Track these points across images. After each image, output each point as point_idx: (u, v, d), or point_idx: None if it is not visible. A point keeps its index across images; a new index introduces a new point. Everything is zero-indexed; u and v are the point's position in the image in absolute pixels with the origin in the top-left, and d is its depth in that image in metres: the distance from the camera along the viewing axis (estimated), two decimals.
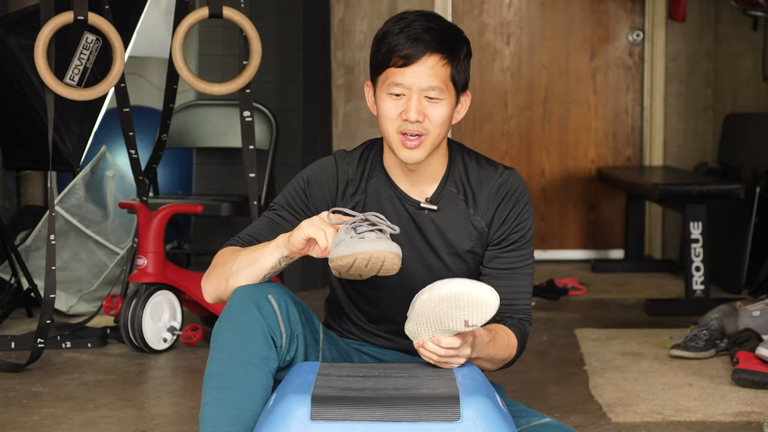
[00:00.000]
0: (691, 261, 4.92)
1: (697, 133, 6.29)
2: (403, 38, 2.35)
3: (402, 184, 2.48)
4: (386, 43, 2.37)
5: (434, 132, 2.38)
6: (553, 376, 3.79)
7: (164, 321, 4.14)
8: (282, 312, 2.29)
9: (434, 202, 2.47)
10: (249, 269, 2.34)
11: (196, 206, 4.34)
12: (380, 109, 2.41)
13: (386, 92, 2.38)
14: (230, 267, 2.36)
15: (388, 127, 2.39)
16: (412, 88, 2.36)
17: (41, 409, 3.36)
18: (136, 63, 5.91)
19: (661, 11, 6.24)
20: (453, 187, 2.48)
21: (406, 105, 2.36)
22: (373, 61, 2.42)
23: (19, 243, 4.96)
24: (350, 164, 2.50)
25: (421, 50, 2.35)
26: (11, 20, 4.30)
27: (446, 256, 2.47)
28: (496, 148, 6.38)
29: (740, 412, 3.28)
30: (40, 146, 4.07)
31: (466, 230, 2.47)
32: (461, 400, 2.04)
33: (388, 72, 2.37)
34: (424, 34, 2.35)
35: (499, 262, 2.49)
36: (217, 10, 3.92)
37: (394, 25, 2.39)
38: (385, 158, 2.49)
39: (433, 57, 2.36)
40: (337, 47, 6.11)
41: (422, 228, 2.47)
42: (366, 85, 2.49)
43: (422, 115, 2.36)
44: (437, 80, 2.36)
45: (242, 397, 2.21)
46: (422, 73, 2.35)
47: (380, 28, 2.43)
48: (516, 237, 2.49)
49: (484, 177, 2.48)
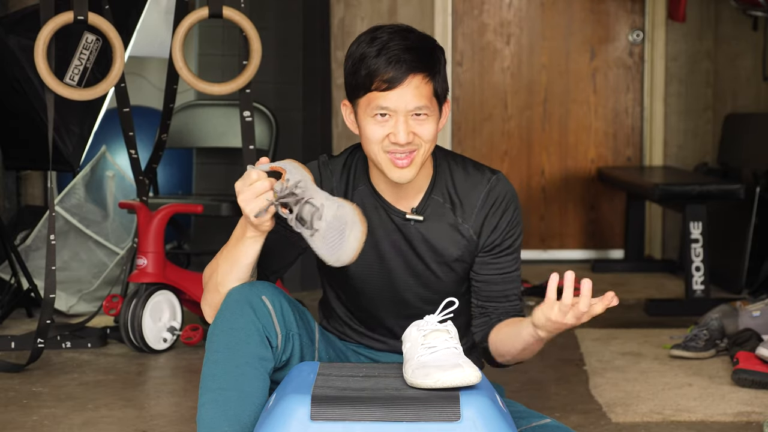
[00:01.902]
0: (691, 261, 4.92)
1: (697, 133, 6.29)
2: (383, 61, 2.29)
3: (387, 195, 2.45)
4: (365, 66, 2.31)
5: (425, 147, 2.34)
6: (553, 376, 3.79)
7: (164, 321, 4.14)
8: (277, 312, 2.28)
9: (420, 212, 2.44)
10: (234, 271, 2.31)
11: (196, 206, 4.34)
12: (365, 131, 2.35)
13: (370, 115, 2.33)
14: (216, 278, 2.34)
15: (375, 148, 2.34)
16: (398, 110, 2.30)
17: (41, 409, 3.36)
18: (136, 63, 5.90)
19: (661, 11, 6.24)
20: (439, 196, 2.45)
21: (394, 128, 2.31)
22: (351, 82, 2.36)
23: (19, 243, 4.96)
24: (333, 173, 2.46)
25: (403, 72, 2.29)
26: (11, 20, 4.30)
27: (434, 264, 2.46)
28: (496, 149, 6.38)
29: (740, 412, 3.28)
30: (40, 146, 4.07)
31: (454, 239, 2.45)
32: (461, 400, 2.04)
33: (371, 96, 2.32)
34: (404, 55, 2.29)
35: (492, 268, 2.48)
36: (217, 10, 3.92)
37: (370, 46, 2.32)
38: (371, 170, 2.45)
39: (416, 77, 2.30)
40: (337, 47, 6.11)
41: (409, 238, 2.45)
42: (343, 104, 2.43)
43: (411, 135, 2.31)
44: (423, 99, 2.31)
45: (239, 397, 2.21)
46: (407, 94, 2.30)
47: (353, 48, 2.36)
48: (509, 243, 2.48)
49: (471, 184, 2.45)
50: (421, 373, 2.11)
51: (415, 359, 2.14)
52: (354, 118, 2.40)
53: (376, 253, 2.45)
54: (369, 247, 2.41)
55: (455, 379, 2.08)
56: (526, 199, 6.39)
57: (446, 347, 2.15)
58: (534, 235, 6.40)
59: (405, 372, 2.16)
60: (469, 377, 2.08)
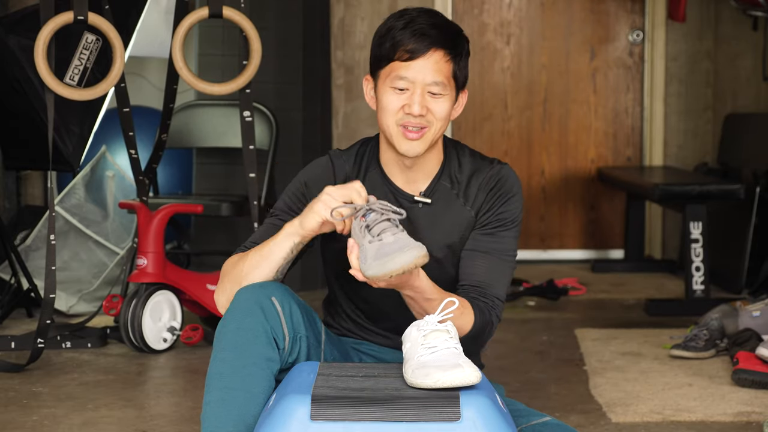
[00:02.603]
0: (691, 261, 4.92)
1: (697, 133, 6.29)
2: (408, 33, 2.38)
3: (397, 180, 2.50)
4: (390, 37, 2.39)
5: (436, 125, 2.41)
6: (553, 376, 3.79)
7: (164, 321, 4.14)
8: (285, 314, 2.29)
9: (428, 195, 2.49)
10: (261, 266, 2.36)
11: (196, 206, 4.35)
12: (381, 101, 2.42)
13: (390, 86, 2.40)
14: (241, 270, 2.38)
15: (389, 119, 2.41)
16: (416, 82, 2.38)
17: (41, 409, 3.36)
18: (136, 63, 5.90)
19: (661, 11, 6.24)
20: (447, 182, 2.50)
21: (409, 99, 2.38)
22: (376, 54, 2.44)
23: (19, 243, 4.96)
24: (347, 161, 2.52)
25: (426, 45, 2.37)
26: (11, 20, 4.30)
27: (437, 250, 2.48)
28: (496, 148, 6.38)
29: (740, 412, 3.28)
30: (40, 146, 4.07)
31: (458, 223, 2.49)
32: (461, 400, 2.04)
33: (393, 66, 2.39)
34: (429, 30, 2.38)
35: (476, 244, 2.48)
36: (217, 10, 3.92)
37: (398, 20, 2.42)
38: (382, 155, 2.51)
39: (437, 52, 2.38)
40: (337, 47, 6.11)
41: (415, 223, 2.48)
42: (365, 79, 2.50)
43: (425, 109, 2.39)
44: (441, 75, 2.38)
45: (245, 397, 2.21)
46: (427, 67, 2.38)
47: (382, 24, 2.46)
48: (498, 222, 2.48)
49: (478, 169, 2.51)
50: (421, 373, 2.11)
51: (415, 359, 2.15)
52: (374, 94, 2.47)
53: None
54: None
55: (455, 379, 2.08)
56: (526, 199, 6.38)
57: (446, 347, 2.15)
58: (534, 235, 6.40)
59: (405, 372, 2.16)
60: (469, 377, 2.08)
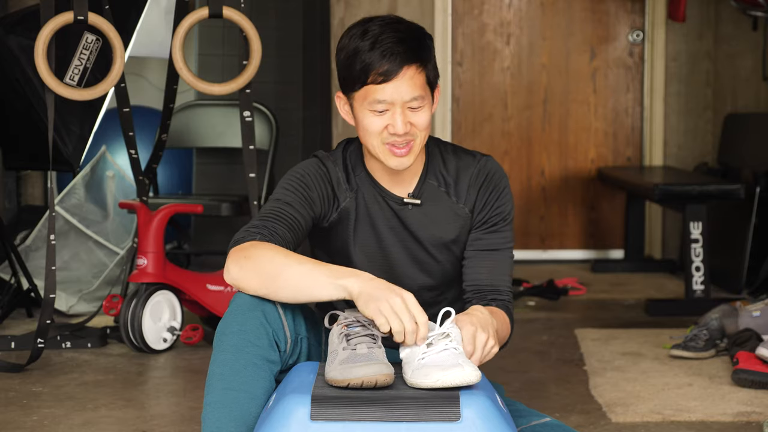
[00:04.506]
0: (691, 261, 4.92)
1: (697, 133, 6.29)
2: (378, 55, 2.34)
3: (384, 182, 2.50)
4: (359, 60, 2.35)
5: (421, 136, 2.41)
6: (553, 376, 3.79)
7: (164, 321, 4.14)
8: (287, 317, 2.29)
9: (416, 196, 2.50)
10: (297, 293, 2.24)
11: (196, 206, 4.35)
12: (362, 123, 2.40)
13: (368, 109, 2.38)
14: (277, 277, 2.23)
15: (374, 140, 2.40)
16: (394, 102, 2.36)
17: (41, 409, 3.36)
18: (136, 63, 5.90)
19: (661, 11, 6.24)
20: (434, 180, 2.52)
21: (391, 119, 2.37)
22: (345, 76, 2.39)
23: (19, 243, 4.96)
24: (336, 163, 2.51)
25: (398, 64, 2.34)
26: (11, 20, 4.30)
27: (432, 248, 2.50)
28: (496, 149, 6.38)
29: (740, 412, 3.28)
30: (40, 146, 4.07)
31: (451, 220, 2.51)
32: (461, 400, 2.04)
33: (367, 89, 2.36)
34: (397, 47, 2.34)
35: (481, 244, 2.52)
36: (217, 10, 3.92)
37: (362, 40, 2.36)
38: (367, 161, 2.51)
39: (410, 68, 2.35)
40: None
41: (407, 223, 2.49)
42: (337, 97, 2.47)
43: (408, 125, 2.38)
44: (417, 89, 2.37)
45: (246, 398, 2.21)
46: (402, 85, 2.35)
47: (344, 41, 2.40)
48: (497, 219, 2.52)
49: (463, 165, 2.52)
50: (421, 373, 2.11)
51: (415, 362, 2.15)
52: (349, 109, 2.45)
53: (377, 241, 2.50)
54: (370, 236, 2.49)
55: (455, 379, 2.08)
56: (526, 199, 6.39)
57: (446, 348, 2.15)
58: (534, 235, 6.40)
59: (405, 374, 2.16)
60: (469, 377, 2.08)
